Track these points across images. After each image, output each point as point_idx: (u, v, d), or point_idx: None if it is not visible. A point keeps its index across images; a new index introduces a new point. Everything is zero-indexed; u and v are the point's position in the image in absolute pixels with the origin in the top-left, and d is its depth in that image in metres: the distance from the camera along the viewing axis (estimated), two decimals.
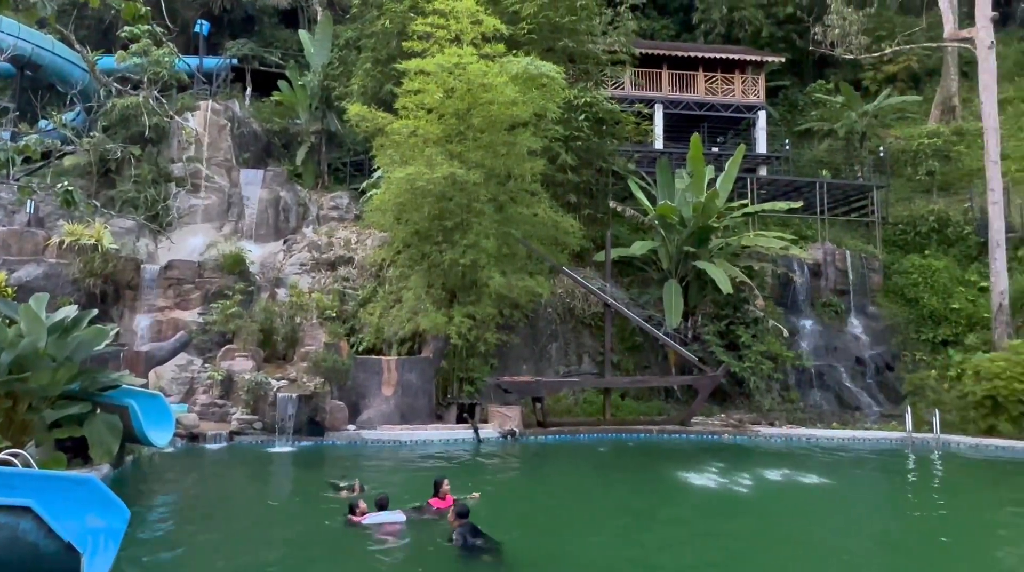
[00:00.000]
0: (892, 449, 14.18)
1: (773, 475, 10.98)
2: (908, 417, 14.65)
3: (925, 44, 26.37)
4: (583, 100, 17.99)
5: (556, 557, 6.76)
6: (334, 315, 15.68)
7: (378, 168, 16.82)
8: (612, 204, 19.78)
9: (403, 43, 15.39)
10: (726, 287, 16.10)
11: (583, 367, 17.63)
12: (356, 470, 10.00)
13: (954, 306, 18.36)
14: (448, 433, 13.77)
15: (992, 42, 18.55)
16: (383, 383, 14.28)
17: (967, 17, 22.06)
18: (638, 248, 17.78)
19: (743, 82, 25.69)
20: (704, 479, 10.40)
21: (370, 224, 17.35)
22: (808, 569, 6.78)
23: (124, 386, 9.61)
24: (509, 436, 13.78)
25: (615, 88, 23.89)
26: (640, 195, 19.04)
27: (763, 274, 18.42)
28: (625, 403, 16.90)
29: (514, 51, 15.16)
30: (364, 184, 18.81)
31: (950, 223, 20.45)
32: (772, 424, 15.78)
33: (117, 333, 12.51)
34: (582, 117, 17.80)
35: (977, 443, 14.07)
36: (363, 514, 7.22)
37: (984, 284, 18.25)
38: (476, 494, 8.34)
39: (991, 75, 18.36)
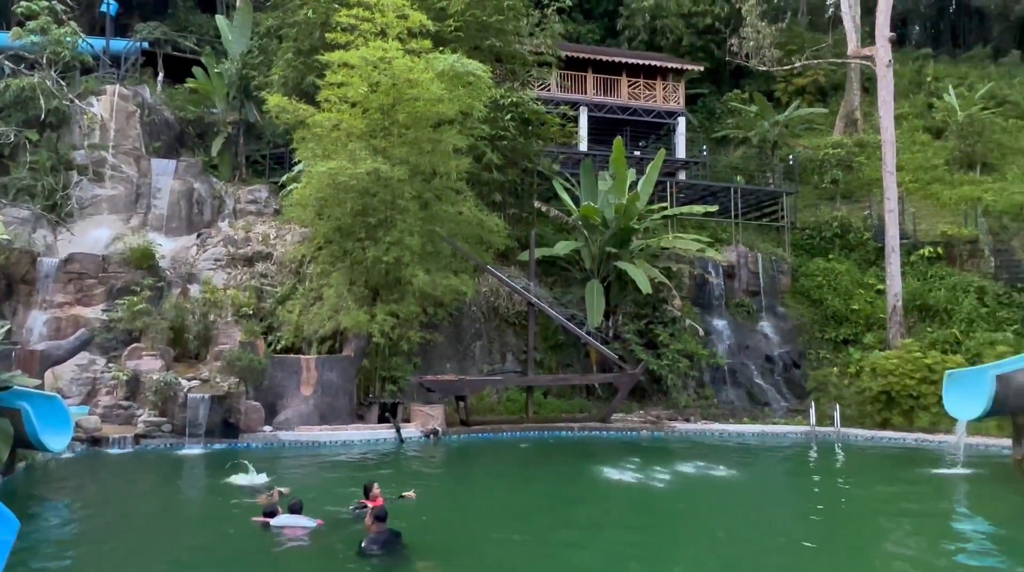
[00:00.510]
0: (797, 442, 14.96)
1: (687, 469, 11.38)
2: (812, 412, 15.52)
3: (831, 60, 27.96)
4: (509, 100, 18.09)
5: (468, 555, 6.76)
6: (250, 313, 15.15)
7: (299, 161, 16.37)
8: (537, 204, 19.99)
9: (326, 34, 15.02)
10: (646, 287, 16.57)
11: (507, 365, 17.74)
12: (273, 472, 9.70)
13: (854, 307, 19.53)
14: (369, 433, 13.56)
15: (890, 60, 19.85)
16: (302, 383, 13.91)
17: (869, 36, 23.50)
18: (561, 248, 18.04)
19: (664, 88, 26.48)
20: (622, 474, 10.65)
21: (290, 219, 16.86)
22: (714, 558, 7.05)
23: (16, 387, 8.97)
24: (432, 435, 13.70)
25: (541, 89, 24.15)
26: (564, 196, 19.33)
27: (681, 275, 19.06)
28: (548, 401, 17.12)
29: (440, 48, 15.07)
30: (284, 178, 18.25)
31: (851, 229, 21.76)
32: (688, 420, 16.36)
33: (8, 330, 11.66)
34: (508, 117, 17.89)
35: (873, 435, 15.03)
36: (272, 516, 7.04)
37: (881, 287, 19.50)
38: (411, 492, 8.26)
39: (889, 91, 19.65)
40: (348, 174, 13.24)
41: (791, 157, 25.05)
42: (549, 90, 24.64)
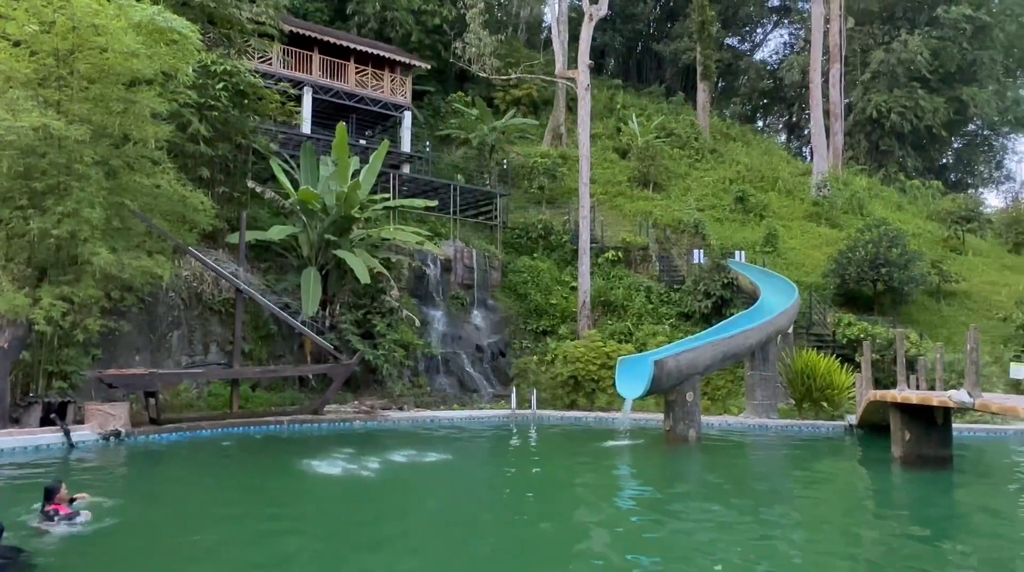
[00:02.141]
0: (500, 425, 16.22)
1: (399, 456, 11.61)
2: (513, 397, 16.95)
3: (542, 77, 30.76)
4: (222, 68, 16.56)
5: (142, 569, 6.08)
6: None
7: None
8: (251, 184, 18.68)
9: None
10: (365, 277, 16.49)
11: (210, 357, 16.28)
12: None
13: (552, 301, 21.79)
14: (27, 439, 11.35)
15: (588, 85, 22.52)
16: None
17: (574, 61, 26.41)
18: (277, 232, 17.10)
19: (392, 80, 26.62)
20: (331, 466, 10.48)
21: None
22: (417, 538, 7.32)
23: None
24: (112, 437, 11.99)
25: (262, 62, 22.61)
26: (283, 178, 18.35)
27: (400, 266, 19.35)
28: (256, 394, 16.14)
29: None
30: None
31: (553, 231, 24.23)
32: (401, 408, 16.71)
33: None
34: (220, 86, 16.38)
35: (562, 416, 16.95)
36: None
37: (574, 284, 22.05)
38: (84, 494, 7.10)
39: (586, 112, 22.29)
40: (6, 127, 10.92)
41: (505, 161, 27.02)
42: (271, 65, 23.17)
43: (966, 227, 29.71)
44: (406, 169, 25.62)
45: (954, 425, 12.94)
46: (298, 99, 22.77)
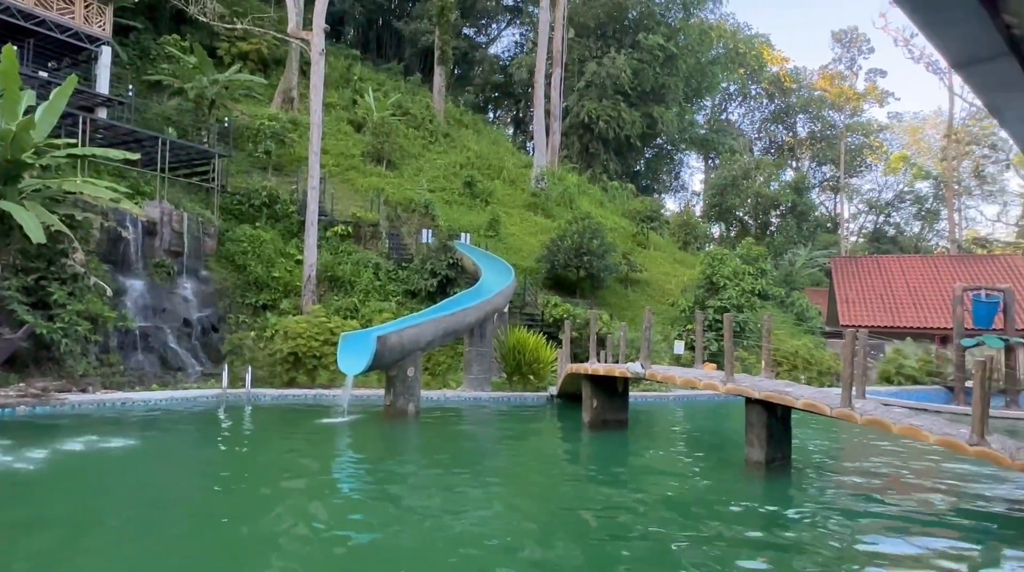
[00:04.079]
0: (209, 405, 14.92)
1: (74, 445, 10.05)
2: (225, 375, 15.71)
3: (274, 33, 28.70)
4: None
5: None
6: None
7: None
8: None
9: None
10: (38, 236, 13.84)
11: None
12: None
13: (275, 274, 20.58)
14: None
15: (323, 49, 21.56)
16: None
17: (310, 23, 25.03)
18: None
19: (87, 6, 22.57)
20: None
21: None
22: (85, 540, 6.41)
23: None
24: None
25: None
26: None
27: (89, 226, 16.63)
28: None
29: None
30: None
31: (279, 200, 22.83)
32: (84, 390, 14.45)
33: None
34: None
35: (280, 394, 16.16)
36: None
37: (300, 257, 21.09)
38: None
39: (320, 78, 21.34)
40: None
41: (228, 120, 24.73)
42: None
43: (650, 225, 34.90)
44: (102, 114, 22.00)
45: (631, 393, 15.17)
46: None
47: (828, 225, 61.20)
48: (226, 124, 24.33)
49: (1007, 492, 9.52)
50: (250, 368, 16.41)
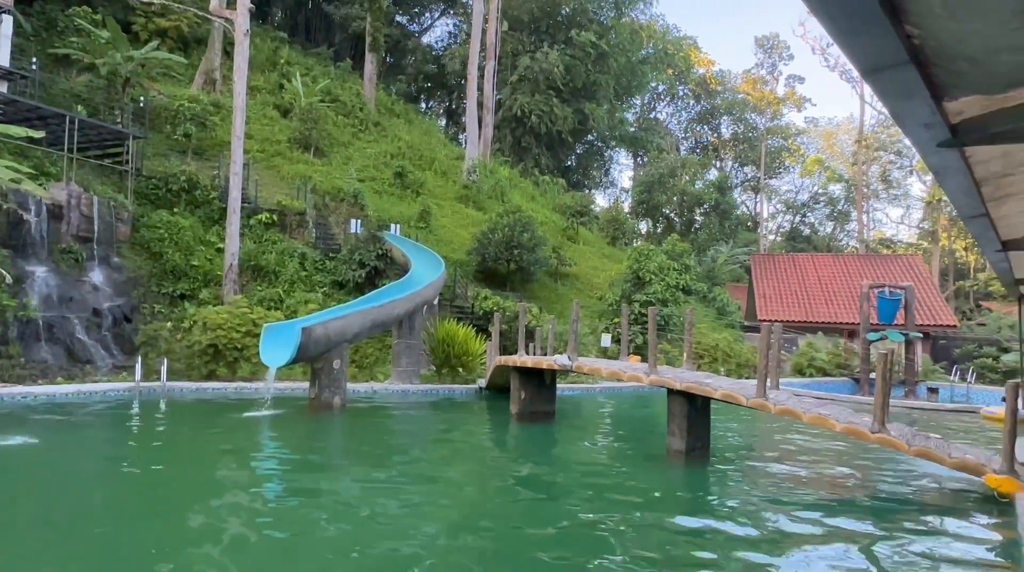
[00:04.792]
0: (120, 400, 14.19)
1: None
2: (138, 368, 14.99)
3: (195, 11, 27.43)
4: None
5: None
6: None
7: None
8: None
9: None
10: None
11: None
12: None
13: (194, 263, 19.73)
14: None
15: (247, 30, 20.75)
16: None
17: (234, 2, 24.00)
18: None
19: None
20: None
21: None
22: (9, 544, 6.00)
23: None
24: None
25: None
26: None
27: None
28: None
29: None
30: None
31: (199, 186, 21.86)
32: None
33: None
34: None
35: (199, 387, 15.55)
36: None
37: (221, 245, 20.29)
38: None
39: (244, 60, 20.54)
40: None
41: (143, 99, 23.47)
42: None
43: (580, 220, 35.41)
44: (2, 88, 20.46)
45: (559, 385, 15.38)
46: None
47: (749, 224, 63.80)
48: (142, 104, 23.09)
49: (905, 475, 10.21)
50: (166, 360, 15.72)
